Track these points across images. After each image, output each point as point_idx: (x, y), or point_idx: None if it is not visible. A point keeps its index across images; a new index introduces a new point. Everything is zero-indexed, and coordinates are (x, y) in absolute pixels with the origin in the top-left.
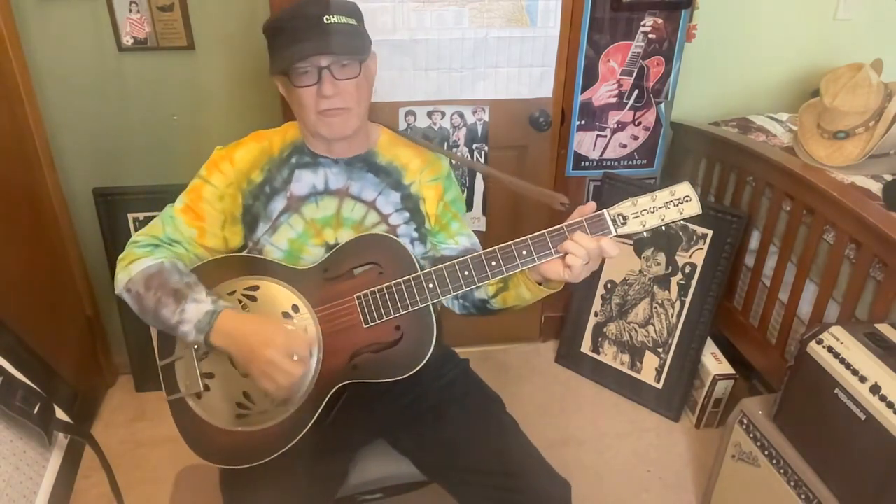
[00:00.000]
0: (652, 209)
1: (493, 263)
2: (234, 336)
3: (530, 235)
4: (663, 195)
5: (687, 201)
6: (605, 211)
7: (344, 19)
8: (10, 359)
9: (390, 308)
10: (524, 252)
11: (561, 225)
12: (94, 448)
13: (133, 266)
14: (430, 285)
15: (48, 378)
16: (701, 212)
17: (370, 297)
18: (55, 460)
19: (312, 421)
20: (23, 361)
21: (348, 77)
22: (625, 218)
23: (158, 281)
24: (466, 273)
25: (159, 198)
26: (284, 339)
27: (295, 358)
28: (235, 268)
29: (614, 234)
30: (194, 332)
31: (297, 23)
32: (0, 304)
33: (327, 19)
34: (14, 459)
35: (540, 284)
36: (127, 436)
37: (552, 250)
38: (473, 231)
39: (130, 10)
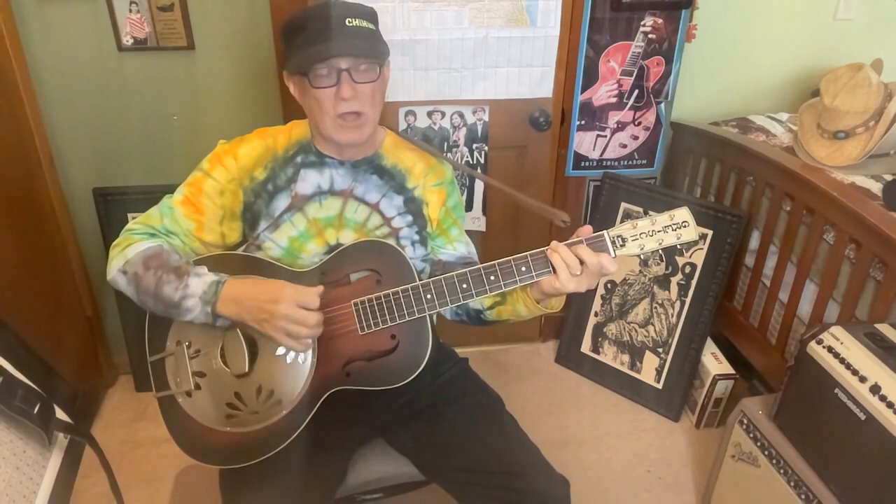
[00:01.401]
0: (651, 232)
1: (492, 278)
2: (241, 300)
3: (529, 252)
4: (662, 219)
5: (685, 226)
6: (605, 232)
7: (365, 23)
8: (10, 359)
9: (387, 316)
10: (523, 268)
11: (562, 244)
12: (94, 448)
13: (129, 249)
14: (428, 296)
15: (48, 378)
16: (697, 238)
17: (367, 305)
18: (55, 460)
19: (303, 425)
20: (23, 361)
21: (367, 81)
22: (624, 240)
23: (158, 261)
24: (465, 286)
25: (159, 198)
26: (292, 292)
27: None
28: (233, 266)
29: (613, 255)
30: (200, 305)
31: (320, 24)
32: (0, 304)
33: (349, 22)
34: (14, 459)
35: (538, 303)
36: (127, 436)
37: (551, 268)
38: (474, 231)
39: (130, 10)
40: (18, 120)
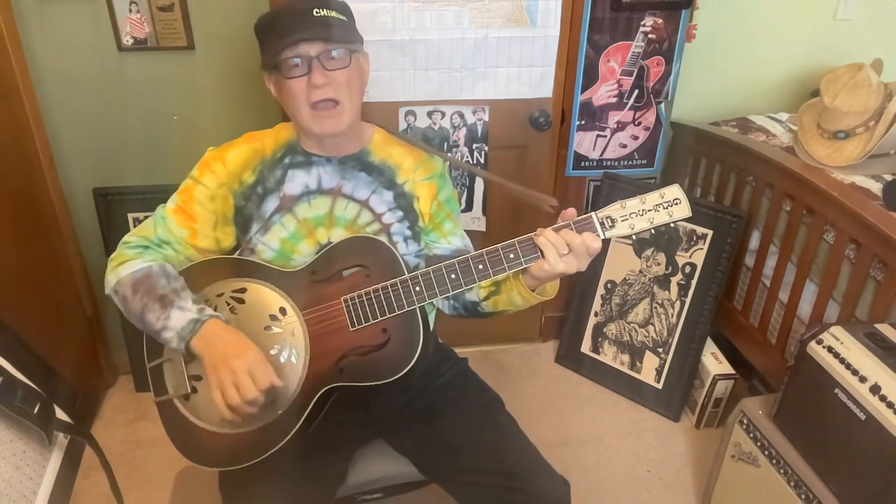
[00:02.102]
0: (641, 212)
1: (480, 266)
2: (213, 343)
3: (517, 238)
4: (653, 198)
5: (676, 204)
6: (593, 213)
7: (334, 14)
8: (10, 359)
9: (377, 311)
10: (511, 255)
11: (549, 228)
12: (94, 448)
13: (122, 268)
14: (417, 288)
15: (48, 378)
16: (690, 214)
17: (357, 300)
18: (55, 460)
19: (299, 424)
20: (23, 361)
21: (338, 67)
22: (613, 221)
23: (146, 286)
24: (453, 276)
25: (159, 198)
26: (255, 359)
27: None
28: (224, 270)
29: (602, 236)
30: (176, 339)
31: (287, 17)
32: (0, 304)
33: (317, 12)
34: (14, 459)
35: (533, 290)
36: (127, 436)
37: (539, 252)
38: (474, 231)
39: (130, 10)
40: (18, 120)
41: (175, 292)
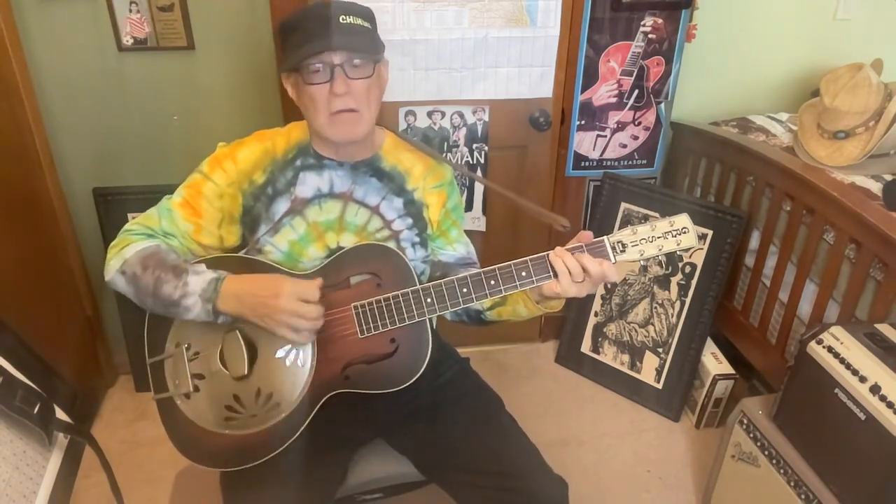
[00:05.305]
0: (650, 238)
1: (493, 283)
2: (240, 296)
3: (530, 257)
4: (662, 225)
5: (685, 233)
6: (605, 238)
7: (360, 21)
8: (10, 359)
9: (387, 320)
10: (523, 273)
11: (565, 249)
12: (94, 448)
13: (127, 249)
14: (429, 300)
15: (48, 378)
16: (697, 245)
17: (367, 308)
18: (55, 460)
19: (302, 428)
20: (23, 361)
21: (361, 77)
22: (624, 246)
23: (156, 260)
24: (465, 290)
25: (159, 198)
26: (292, 286)
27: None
28: (232, 268)
29: (613, 261)
30: (200, 303)
31: (313, 22)
32: (0, 304)
33: (343, 19)
34: (14, 459)
35: (538, 303)
36: (127, 436)
37: (551, 273)
38: (474, 231)
39: (130, 10)
40: (18, 120)
41: (186, 262)
